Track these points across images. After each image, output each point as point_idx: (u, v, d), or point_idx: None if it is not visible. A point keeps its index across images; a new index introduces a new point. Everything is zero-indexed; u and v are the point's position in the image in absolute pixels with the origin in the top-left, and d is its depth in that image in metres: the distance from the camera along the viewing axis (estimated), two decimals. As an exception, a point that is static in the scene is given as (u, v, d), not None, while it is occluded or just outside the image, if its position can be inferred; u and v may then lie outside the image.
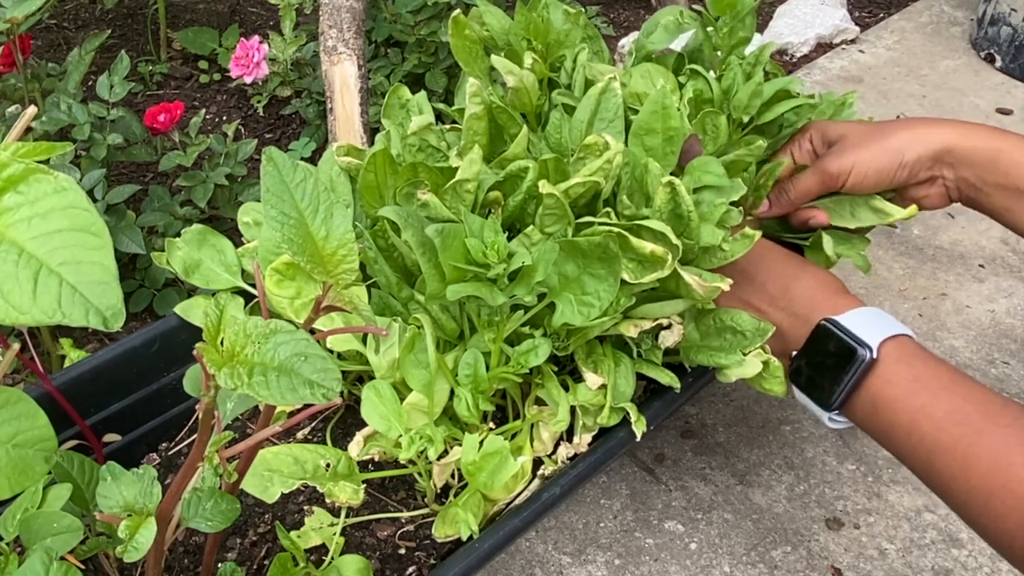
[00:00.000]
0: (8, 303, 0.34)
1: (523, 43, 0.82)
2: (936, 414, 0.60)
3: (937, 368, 0.63)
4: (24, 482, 0.47)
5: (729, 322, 0.73)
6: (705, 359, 0.73)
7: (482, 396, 0.70)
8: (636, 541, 0.83)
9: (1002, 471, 0.56)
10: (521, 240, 0.70)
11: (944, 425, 0.59)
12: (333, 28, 1.04)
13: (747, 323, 0.72)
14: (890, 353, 0.64)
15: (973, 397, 0.60)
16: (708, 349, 0.74)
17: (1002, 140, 0.72)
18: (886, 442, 0.64)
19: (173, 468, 0.82)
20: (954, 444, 0.59)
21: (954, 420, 0.59)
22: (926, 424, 0.60)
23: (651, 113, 0.74)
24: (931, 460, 0.60)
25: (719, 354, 0.73)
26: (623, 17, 1.71)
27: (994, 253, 1.18)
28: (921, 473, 0.62)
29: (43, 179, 0.36)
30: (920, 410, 0.61)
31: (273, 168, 0.49)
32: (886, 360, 0.64)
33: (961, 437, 0.58)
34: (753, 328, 0.71)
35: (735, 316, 0.73)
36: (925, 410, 0.61)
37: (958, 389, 0.61)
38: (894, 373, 0.63)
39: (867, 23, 1.73)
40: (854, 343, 0.64)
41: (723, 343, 0.73)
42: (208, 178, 1.05)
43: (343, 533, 0.72)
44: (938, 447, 0.59)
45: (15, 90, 1.09)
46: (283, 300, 0.70)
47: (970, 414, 0.59)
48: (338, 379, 0.42)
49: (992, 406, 0.59)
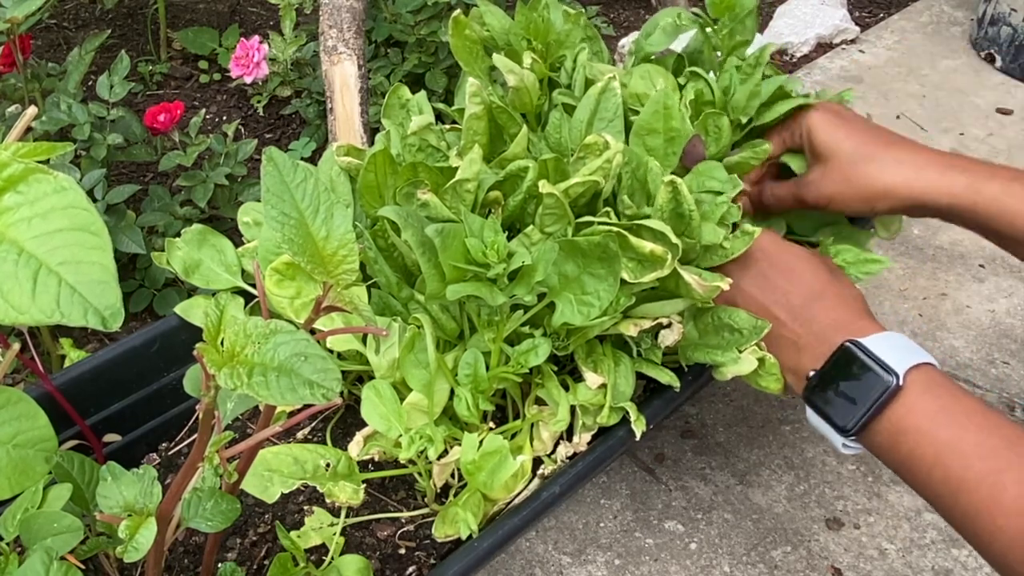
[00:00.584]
0: (7, 303, 0.34)
1: (523, 43, 0.82)
2: (963, 448, 0.58)
3: (963, 400, 0.61)
4: (24, 482, 0.47)
5: (727, 320, 0.73)
6: (702, 356, 0.73)
7: (482, 396, 0.70)
8: (636, 541, 0.84)
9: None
10: (521, 240, 0.70)
11: (971, 461, 0.57)
12: (333, 28, 1.04)
13: (744, 321, 0.72)
14: (916, 381, 0.62)
15: (1000, 432, 0.58)
16: (705, 347, 0.74)
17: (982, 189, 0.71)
18: (905, 473, 0.62)
19: (173, 468, 0.82)
20: (980, 481, 0.56)
21: (980, 455, 0.57)
22: (951, 458, 0.58)
23: (653, 113, 0.74)
24: (956, 497, 0.58)
25: (716, 352, 0.72)
26: (623, 17, 1.71)
27: (994, 253, 1.18)
28: (943, 509, 0.60)
29: (43, 179, 0.36)
30: (946, 444, 0.59)
31: (273, 168, 0.49)
32: (912, 389, 0.61)
33: (987, 474, 0.56)
34: (750, 326, 0.71)
35: (733, 314, 0.72)
36: (951, 444, 0.58)
37: (985, 423, 0.59)
38: (920, 403, 0.61)
39: (867, 23, 1.73)
40: (880, 368, 0.62)
41: (720, 341, 0.73)
42: (208, 178, 1.05)
43: (343, 533, 0.72)
44: (964, 484, 0.57)
45: (15, 90, 1.09)
46: (283, 300, 0.70)
47: (997, 448, 0.57)
48: (338, 379, 0.42)
49: (1020, 441, 0.57)
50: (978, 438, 0.58)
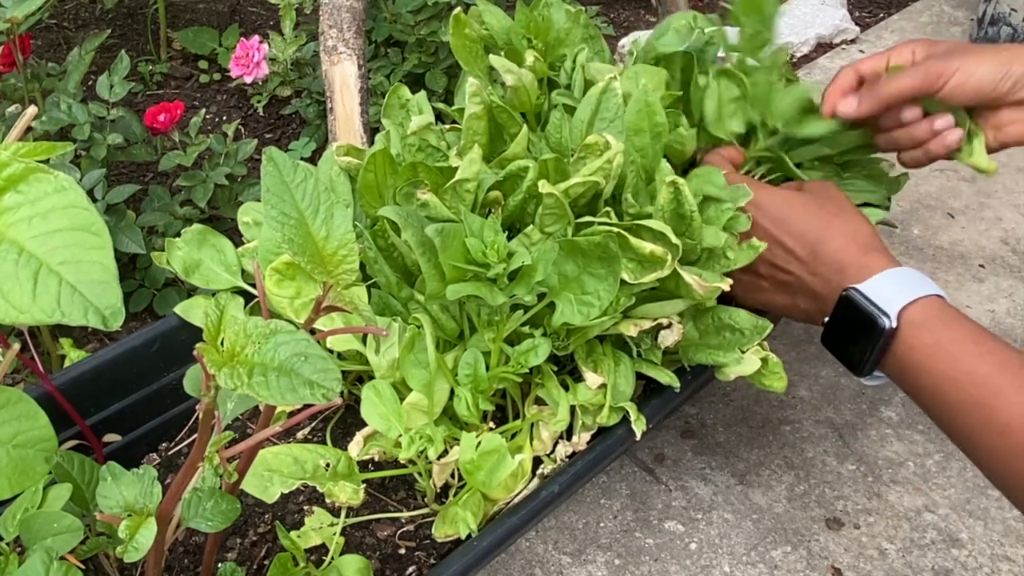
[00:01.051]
0: (8, 302, 0.34)
1: (523, 42, 0.82)
2: (956, 376, 0.61)
3: (958, 330, 0.64)
4: (24, 482, 0.47)
5: (727, 320, 0.73)
6: (704, 357, 0.73)
7: (482, 396, 0.70)
8: (636, 541, 0.83)
9: (1019, 431, 0.57)
10: (521, 240, 0.70)
11: (964, 387, 0.61)
12: (333, 28, 1.04)
13: (745, 321, 0.72)
14: (912, 319, 0.65)
15: (992, 358, 0.61)
16: (707, 347, 0.74)
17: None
18: (916, 401, 0.66)
19: (173, 468, 0.82)
20: (973, 406, 0.60)
21: (973, 382, 0.61)
22: (947, 387, 0.62)
23: (637, 112, 0.74)
24: (953, 422, 0.62)
25: (718, 352, 0.72)
26: (623, 17, 1.71)
27: (994, 253, 1.18)
28: (948, 432, 0.64)
29: (43, 178, 0.36)
30: (941, 374, 0.62)
31: (273, 168, 0.49)
32: (908, 326, 0.64)
33: (980, 399, 0.60)
34: (751, 326, 0.71)
35: (733, 314, 0.72)
36: (946, 373, 0.62)
37: (978, 350, 0.62)
38: (916, 339, 0.64)
39: (867, 23, 1.73)
40: (875, 312, 0.65)
41: (721, 341, 0.73)
42: (208, 178, 1.05)
43: (343, 533, 0.72)
44: (959, 409, 0.61)
45: (15, 90, 1.09)
46: (283, 300, 0.70)
47: (990, 374, 0.60)
48: (338, 379, 0.42)
49: (1011, 365, 0.60)
50: (970, 366, 0.61)
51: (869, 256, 0.69)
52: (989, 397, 0.60)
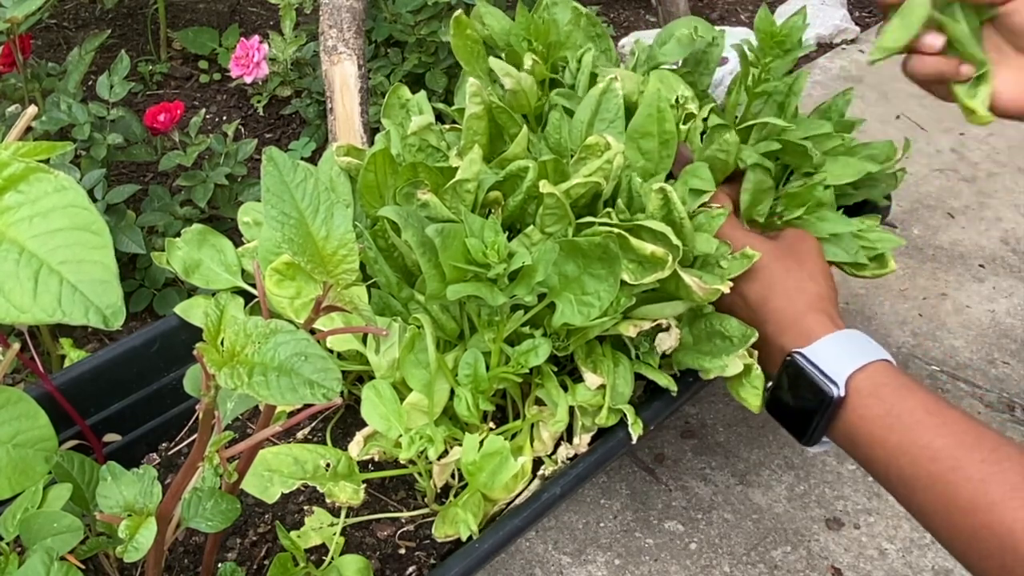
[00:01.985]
0: (9, 302, 0.34)
1: (523, 44, 0.82)
2: (911, 451, 0.58)
3: (910, 399, 0.60)
4: (24, 482, 0.47)
5: (719, 327, 0.72)
6: (691, 361, 0.73)
7: (482, 396, 0.70)
8: (636, 541, 0.83)
9: (982, 511, 0.54)
10: (521, 240, 0.70)
11: (920, 462, 0.57)
12: (333, 28, 1.04)
13: (735, 329, 0.71)
14: (861, 387, 0.62)
15: (948, 430, 0.58)
16: (696, 352, 0.73)
17: None
18: (869, 471, 0.63)
19: (173, 468, 0.82)
20: (932, 482, 0.57)
21: (930, 456, 0.57)
22: (902, 460, 0.58)
23: (647, 116, 0.74)
24: (911, 497, 0.59)
25: (704, 358, 0.72)
26: (623, 17, 1.71)
27: (994, 253, 1.18)
28: (904, 505, 0.61)
29: (44, 178, 0.36)
30: (895, 447, 0.59)
31: (273, 168, 0.49)
32: (857, 394, 0.61)
33: (939, 475, 0.56)
34: (740, 334, 0.70)
35: (724, 321, 0.72)
36: (901, 446, 0.59)
37: (932, 421, 0.59)
38: (866, 408, 0.61)
39: (867, 23, 1.73)
40: (821, 379, 0.62)
41: (712, 347, 0.73)
42: (208, 178, 1.05)
43: (343, 533, 0.72)
44: (916, 484, 0.58)
45: (15, 90, 1.09)
46: (283, 300, 0.70)
47: (947, 448, 0.57)
48: (338, 379, 0.42)
49: (968, 438, 0.57)
50: (926, 439, 0.58)
51: (811, 317, 0.67)
52: (948, 473, 0.56)
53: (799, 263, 0.72)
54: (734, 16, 1.73)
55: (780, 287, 0.70)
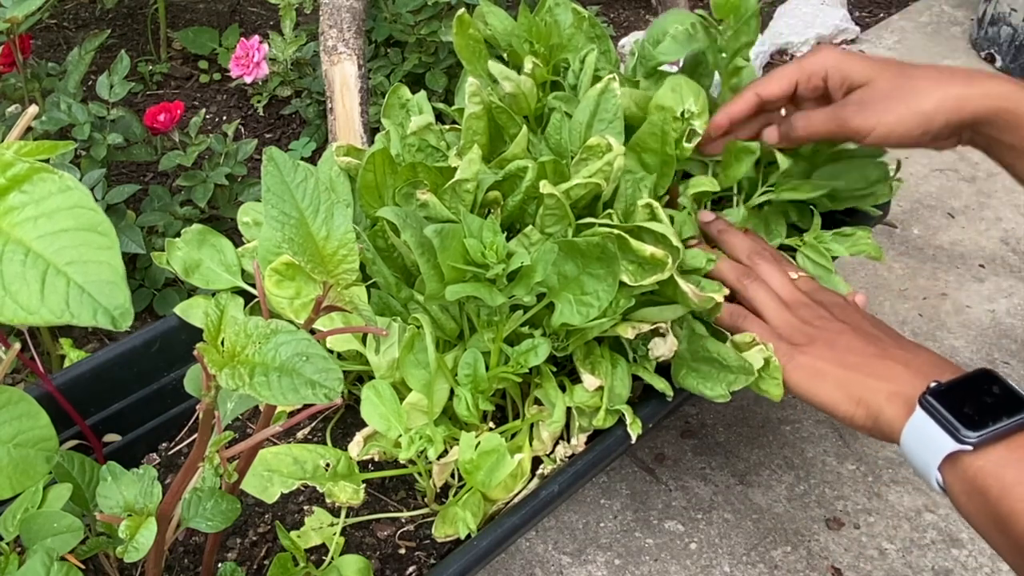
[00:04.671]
0: (16, 303, 0.34)
1: (525, 46, 0.82)
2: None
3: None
4: (25, 482, 0.47)
5: (715, 354, 0.71)
6: (692, 385, 0.72)
7: (482, 396, 0.70)
8: (636, 541, 0.84)
9: None
10: (520, 240, 0.70)
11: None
12: (333, 28, 1.04)
13: (731, 358, 0.70)
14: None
15: None
16: (697, 374, 0.72)
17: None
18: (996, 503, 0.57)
19: (173, 468, 0.82)
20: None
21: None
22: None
23: (651, 134, 0.75)
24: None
25: (705, 383, 0.71)
26: (623, 17, 1.71)
27: (994, 253, 1.18)
28: (1015, 531, 0.56)
29: (48, 178, 0.36)
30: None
31: (274, 168, 0.49)
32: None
33: None
34: (738, 365, 0.69)
35: (721, 349, 0.70)
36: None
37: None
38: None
39: (867, 23, 1.73)
40: (1020, 396, 0.60)
41: (711, 371, 0.72)
42: (208, 178, 1.05)
43: (343, 533, 0.72)
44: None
45: (15, 90, 1.09)
46: (283, 300, 0.70)
47: None
48: (339, 379, 0.42)
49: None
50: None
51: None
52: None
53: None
54: (734, 16, 1.73)
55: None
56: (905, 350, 0.68)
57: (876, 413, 0.64)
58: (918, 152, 1.35)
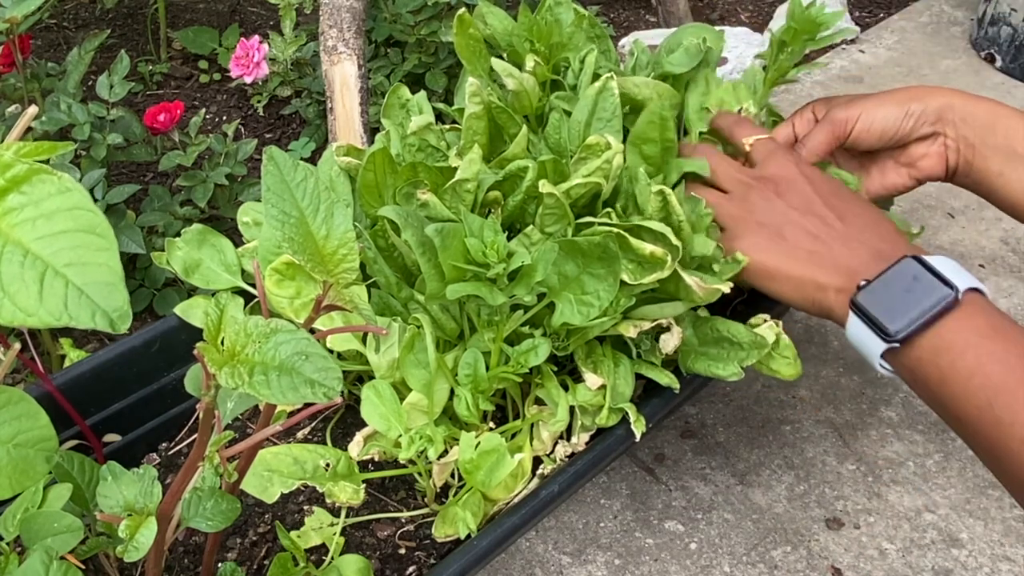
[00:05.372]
0: (15, 305, 0.34)
1: (526, 45, 0.82)
2: (1009, 359, 0.58)
3: (1015, 326, 0.61)
4: (25, 482, 0.47)
5: (725, 333, 0.71)
6: (702, 368, 0.72)
7: (482, 396, 0.70)
8: (636, 541, 0.84)
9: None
10: (521, 240, 0.70)
11: (1016, 368, 0.57)
12: (333, 28, 1.04)
13: (743, 335, 0.70)
14: (972, 300, 0.61)
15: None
16: (705, 357, 0.73)
17: (1001, 107, 0.75)
18: (938, 389, 0.61)
19: (173, 468, 0.82)
20: (1021, 386, 0.56)
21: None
22: (994, 366, 0.58)
23: (648, 123, 0.74)
24: (991, 403, 0.57)
25: (716, 364, 0.72)
26: (623, 17, 1.71)
27: (994, 253, 1.18)
28: (972, 421, 0.59)
29: (47, 179, 0.36)
30: (991, 354, 0.58)
31: (274, 167, 0.49)
32: (967, 305, 0.61)
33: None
34: (749, 340, 0.70)
35: (731, 327, 0.71)
36: (996, 354, 0.58)
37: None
38: (972, 318, 0.61)
39: (867, 23, 1.73)
40: (939, 281, 0.62)
41: (720, 352, 0.72)
42: (208, 178, 1.05)
43: (343, 533, 0.72)
44: (1003, 388, 0.57)
45: (15, 90, 1.09)
46: (283, 300, 0.70)
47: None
48: (339, 378, 0.42)
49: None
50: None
51: (914, 247, 0.68)
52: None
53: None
54: (734, 16, 1.73)
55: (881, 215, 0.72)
56: (849, 237, 0.69)
57: (827, 312, 0.67)
58: (918, 152, 1.35)
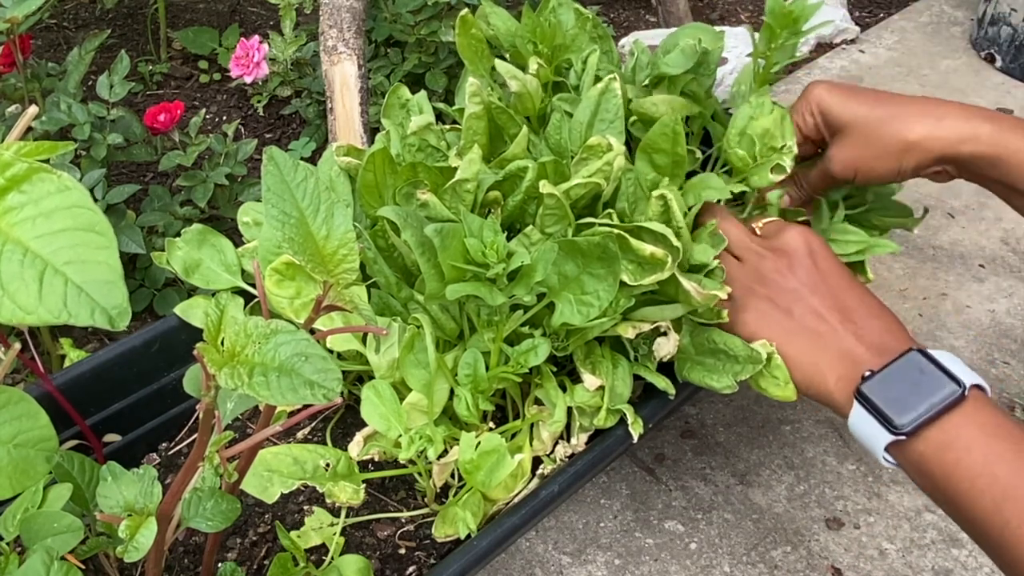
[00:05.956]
0: (14, 303, 0.34)
1: (529, 46, 0.82)
2: (1016, 461, 0.56)
3: (1016, 421, 0.60)
4: (25, 482, 0.47)
5: (722, 345, 0.70)
6: (698, 378, 0.72)
7: (482, 396, 0.70)
8: (636, 541, 0.84)
9: None
10: (520, 240, 0.70)
11: (1022, 469, 0.56)
12: (333, 28, 1.04)
13: (740, 348, 0.69)
14: (976, 396, 0.60)
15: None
16: (702, 367, 0.72)
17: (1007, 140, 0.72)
18: (943, 485, 0.59)
19: (173, 468, 0.82)
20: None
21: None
22: (1001, 467, 0.56)
23: (661, 134, 0.74)
24: (999, 506, 0.56)
25: (711, 375, 0.71)
26: (623, 17, 1.71)
27: (994, 253, 1.18)
28: (980, 522, 0.57)
29: (46, 178, 0.36)
30: (998, 455, 0.57)
31: (274, 167, 0.49)
32: (972, 401, 0.60)
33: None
34: (745, 355, 0.69)
35: (727, 339, 0.70)
36: (1003, 455, 0.57)
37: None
38: (977, 414, 0.59)
39: (867, 23, 1.73)
40: (946, 376, 0.61)
41: (715, 363, 0.72)
42: (208, 178, 1.05)
43: (343, 533, 0.72)
44: (1011, 492, 0.55)
45: (15, 90, 1.09)
46: (283, 300, 0.70)
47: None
48: (338, 379, 0.42)
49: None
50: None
51: (916, 341, 0.67)
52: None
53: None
54: (734, 16, 1.73)
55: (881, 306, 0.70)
56: (854, 324, 0.67)
57: (825, 397, 0.67)
58: (918, 152, 1.35)
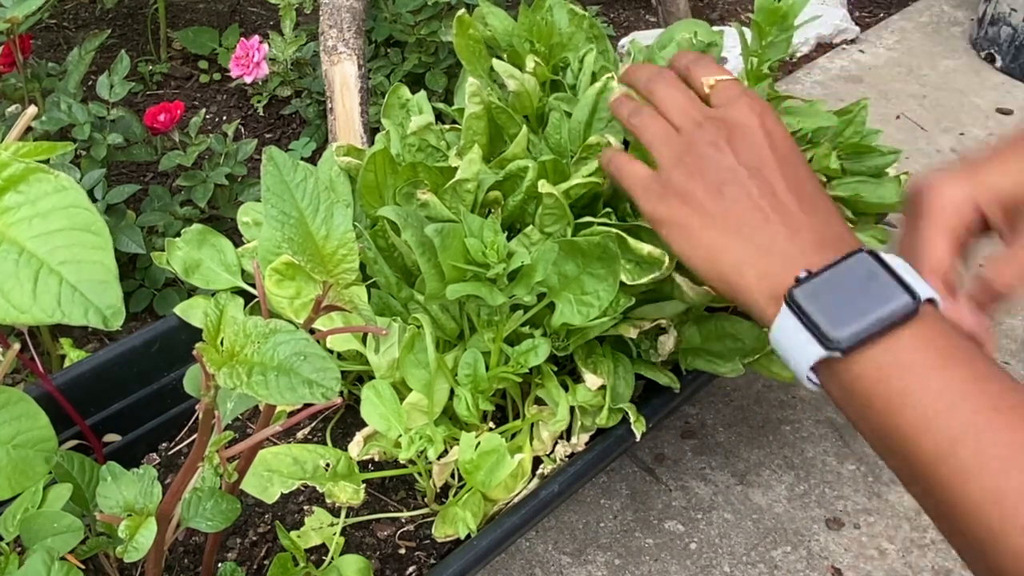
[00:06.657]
0: (8, 302, 0.34)
1: (526, 45, 0.82)
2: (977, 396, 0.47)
3: (975, 348, 0.50)
4: (25, 482, 0.47)
5: (730, 330, 0.71)
6: (703, 365, 0.72)
7: (482, 396, 0.70)
8: (636, 541, 0.84)
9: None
10: (520, 240, 0.70)
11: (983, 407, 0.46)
12: (333, 28, 1.04)
13: (746, 332, 0.70)
14: (930, 313, 0.50)
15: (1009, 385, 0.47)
16: (708, 354, 0.73)
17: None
18: (881, 416, 0.49)
19: (173, 468, 0.82)
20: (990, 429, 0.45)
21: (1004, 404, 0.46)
22: (960, 403, 0.47)
23: None
24: (954, 448, 0.46)
25: (716, 361, 0.71)
26: (623, 17, 1.71)
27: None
28: (923, 464, 0.47)
29: (44, 178, 0.36)
30: (958, 387, 0.47)
31: (274, 167, 0.49)
32: (925, 318, 0.49)
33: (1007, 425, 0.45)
34: (751, 336, 0.70)
35: (736, 325, 0.71)
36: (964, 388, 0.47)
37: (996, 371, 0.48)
38: (934, 336, 0.49)
39: (867, 23, 1.73)
40: (900, 287, 0.50)
41: (722, 349, 0.72)
42: (208, 178, 1.05)
43: (343, 533, 0.72)
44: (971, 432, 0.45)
45: (15, 90, 1.09)
46: (283, 300, 0.70)
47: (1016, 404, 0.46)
48: (337, 378, 0.42)
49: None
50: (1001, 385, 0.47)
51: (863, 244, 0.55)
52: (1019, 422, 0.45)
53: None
54: (734, 16, 1.73)
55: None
56: (795, 215, 0.55)
57: (740, 297, 0.55)
58: (917, 152, 1.35)
